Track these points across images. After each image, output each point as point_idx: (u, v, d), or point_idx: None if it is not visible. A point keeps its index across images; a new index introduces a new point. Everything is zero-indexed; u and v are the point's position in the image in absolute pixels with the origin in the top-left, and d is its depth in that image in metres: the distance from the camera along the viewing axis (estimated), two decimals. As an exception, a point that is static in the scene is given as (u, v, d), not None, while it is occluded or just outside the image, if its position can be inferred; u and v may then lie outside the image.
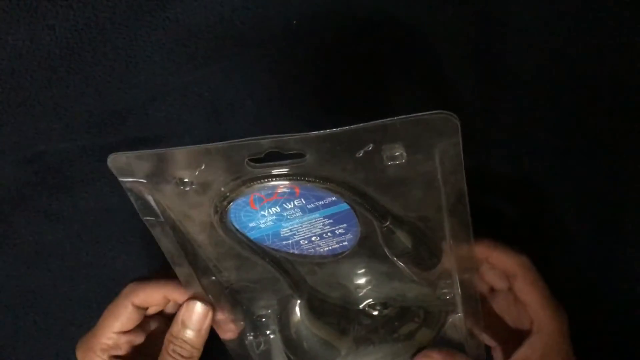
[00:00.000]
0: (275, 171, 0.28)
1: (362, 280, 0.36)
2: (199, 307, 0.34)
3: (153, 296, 0.35)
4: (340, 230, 0.32)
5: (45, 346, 0.45)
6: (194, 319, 0.34)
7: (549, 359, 0.33)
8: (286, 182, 0.28)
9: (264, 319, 0.38)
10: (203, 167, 0.28)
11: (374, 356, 0.36)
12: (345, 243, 0.33)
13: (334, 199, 0.30)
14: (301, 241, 0.32)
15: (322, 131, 0.26)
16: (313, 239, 0.32)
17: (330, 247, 0.33)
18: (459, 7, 0.39)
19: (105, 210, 0.43)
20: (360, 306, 0.37)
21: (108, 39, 0.39)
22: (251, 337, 0.39)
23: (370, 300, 0.37)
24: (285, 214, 0.30)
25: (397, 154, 0.27)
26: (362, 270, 0.35)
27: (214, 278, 0.35)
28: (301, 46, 0.40)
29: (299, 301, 0.36)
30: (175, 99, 0.41)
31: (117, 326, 0.35)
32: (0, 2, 0.37)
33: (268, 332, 0.39)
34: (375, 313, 0.37)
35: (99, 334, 0.35)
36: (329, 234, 0.32)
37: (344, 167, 0.27)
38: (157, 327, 0.38)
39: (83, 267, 0.44)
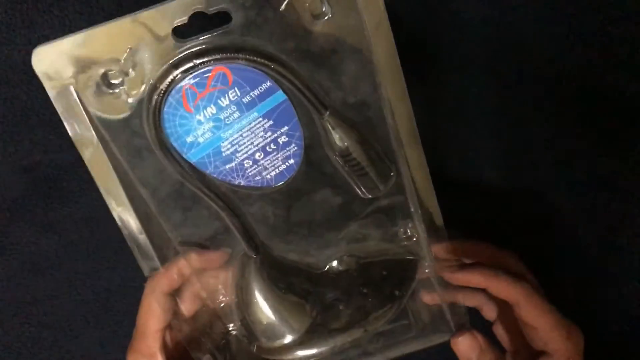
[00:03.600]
0: (203, 43, 0.27)
1: (317, 231, 0.34)
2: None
3: (175, 276, 0.33)
4: (283, 139, 0.31)
5: (40, 357, 0.45)
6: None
7: None
8: (217, 56, 0.27)
9: (222, 304, 0.36)
10: (129, 50, 0.27)
11: (344, 315, 0.34)
12: (292, 161, 0.31)
13: (269, 84, 0.29)
14: (245, 162, 0.31)
15: None
16: (257, 155, 0.31)
17: (277, 171, 0.32)
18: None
19: (102, 220, 0.43)
20: (323, 269, 0.35)
21: (104, 49, 0.38)
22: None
23: (332, 261, 0.35)
24: (222, 116, 0.29)
25: (321, 9, 0.27)
26: (316, 213, 0.33)
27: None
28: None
29: (254, 260, 0.34)
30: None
31: (159, 323, 0.33)
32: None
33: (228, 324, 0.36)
34: (340, 269, 0.35)
35: (145, 337, 0.33)
36: (272, 145, 0.31)
37: (272, 32, 0.27)
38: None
39: (79, 277, 0.44)
